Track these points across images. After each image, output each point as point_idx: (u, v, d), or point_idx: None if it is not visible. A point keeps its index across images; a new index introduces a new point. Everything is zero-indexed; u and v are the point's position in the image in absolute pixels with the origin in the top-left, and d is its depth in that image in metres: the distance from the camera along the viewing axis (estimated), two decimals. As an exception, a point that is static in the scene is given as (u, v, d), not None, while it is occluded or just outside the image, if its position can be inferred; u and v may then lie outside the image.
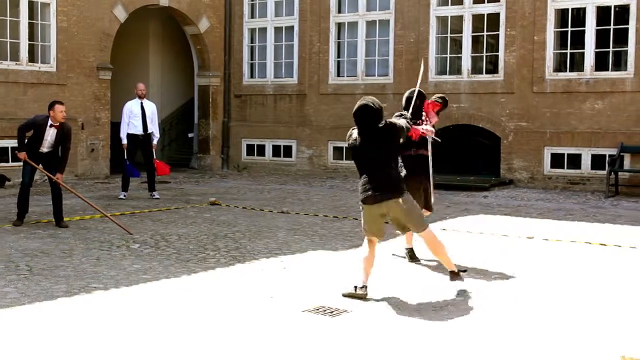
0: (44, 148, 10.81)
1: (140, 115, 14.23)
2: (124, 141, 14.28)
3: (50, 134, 10.74)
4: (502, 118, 17.18)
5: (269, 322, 6.07)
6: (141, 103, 14.33)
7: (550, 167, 16.80)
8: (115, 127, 16.16)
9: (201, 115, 21.21)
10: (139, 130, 14.22)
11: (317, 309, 6.44)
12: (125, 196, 14.14)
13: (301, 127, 19.85)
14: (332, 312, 6.36)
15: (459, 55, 17.80)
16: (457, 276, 7.26)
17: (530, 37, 16.79)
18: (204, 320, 6.11)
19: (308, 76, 19.70)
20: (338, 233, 10.51)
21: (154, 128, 14.47)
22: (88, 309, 6.38)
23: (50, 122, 10.70)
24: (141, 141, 14.30)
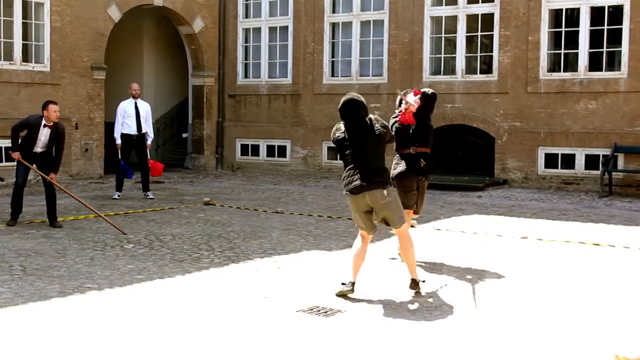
0: (38, 148, 10.79)
1: (134, 115, 14.21)
2: (118, 141, 14.26)
3: (44, 134, 10.72)
4: (496, 118, 17.20)
5: (263, 323, 6.07)
6: (135, 103, 14.31)
7: (544, 167, 16.83)
8: (109, 127, 16.13)
9: (195, 115, 21.20)
10: (133, 130, 14.20)
11: (311, 309, 6.44)
12: (119, 196, 14.11)
13: (295, 127, 19.85)
14: (326, 312, 6.36)
15: (453, 55, 17.81)
16: (417, 286, 7.09)
17: (524, 38, 16.82)
18: (198, 320, 6.11)
19: (302, 76, 19.70)
20: (332, 233, 10.52)
21: (148, 128, 14.45)
22: (82, 309, 6.37)
23: (44, 122, 10.68)
24: (135, 141, 14.28)
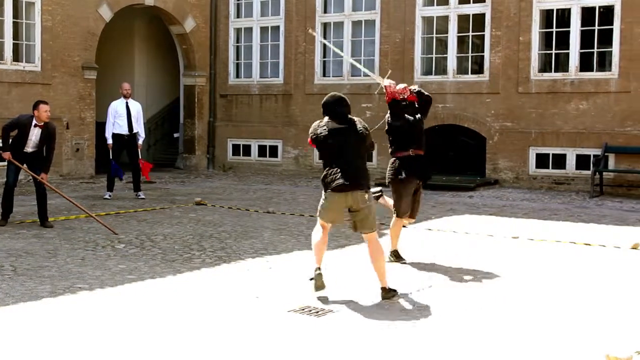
0: (29, 148, 10.76)
1: (125, 115, 14.18)
2: (109, 141, 14.23)
3: (34, 134, 10.69)
4: (488, 118, 17.23)
5: (255, 322, 6.07)
6: (126, 103, 14.28)
7: (535, 167, 16.87)
8: (100, 127, 16.11)
9: (187, 115, 21.17)
10: (124, 130, 14.17)
11: (303, 309, 6.44)
12: (110, 196, 14.08)
13: (287, 127, 19.85)
14: (318, 312, 6.36)
15: (445, 55, 17.84)
16: (388, 293, 6.93)
17: (515, 38, 16.86)
18: (190, 320, 6.10)
19: (294, 76, 19.70)
20: (324, 233, 10.50)
21: (139, 128, 14.43)
22: (73, 310, 6.35)
23: (34, 122, 10.65)
24: (126, 141, 14.25)
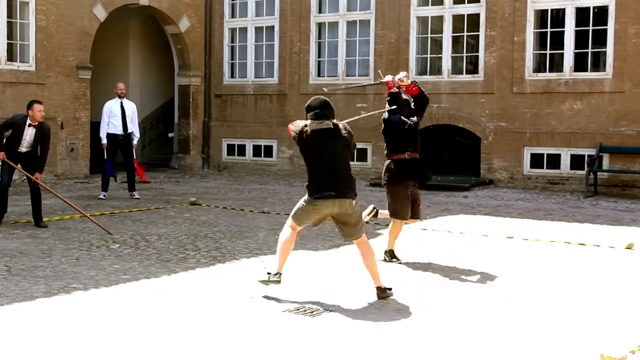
0: (23, 148, 10.74)
1: (120, 114, 14.16)
2: (104, 141, 14.22)
3: (29, 134, 10.67)
4: (482, 118, 17.25)
5: (250, 323, 6.06)
6: (121, 103, 14.26)
7: (529, 167, 16.89)
8: (94, 127, 16.10)
9: (181, 115, 21.15)
10: (119, 130, 14.15)
11: (298, 309, 6.44)
12: (105, 196, 14.07)
13: (282, 127, 19.79)
14: (313, 313, 6.36)
15: (439, 55, 17.85)
16: (384, 292, 6.94)
17: (510, 38, 16.88)
18: (185, 320, 6.09)
19: (289, 76, 19.70)
20: (318, 233, 10.50)
21: (134, 128, 14.40)
22: (67, 310, 6.34)
23: (29, 122, 10.63)
24: (121, 141, 14.24)
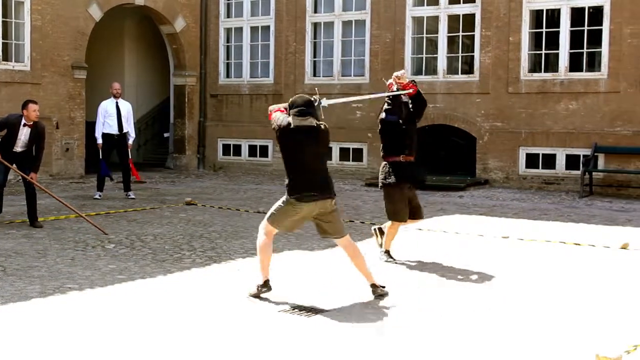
0: (18, 147, 10.72)
1: (115, 114, 14.14)
2: (99, 141, 14.19)
3: (24, 133, 10.66)
4: (478, 118, 17.26)
5: (245, 323, 6.06)
6: (116, 102, 14.24)
7: (525, 167, 16.91)
8: (90, 127, 16.08)
9: (177, 114, 21.13)
10: (114, 130, 14.14)
11: (293, 310, 6.44)
12: (100, 196, 14.05)
13: (277, 127, 19.79)
14: (308, 313, 6.35)
15: (435, 55, 17.86)
16: (378, 288, 6.96)
17: (505, 38, 16.89)
18: (180, 320, 6.09)
19: (284, 76, 19.69)
20: (314, 233, 10.43)
21: (130, 128, 14.39)
22: (63, 310, 6.33)
23: (23, 122, 10.61)
24: (116, 141, 14.22)
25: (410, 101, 8.56)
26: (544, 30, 16.75)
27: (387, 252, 8.66)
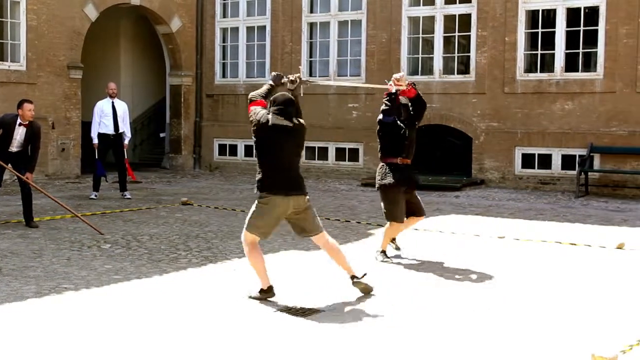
0: (13, 147, 10.70)
1: (111, 114, 14.13)
2: (95, 141, 14.18)
3: (19, 133, 10.64)
4: (474, 118, 17.28)
5: (242, 323, 6.06)
6: (112, 102, 14.22)
7: (521, 167, 16.92)
8: (86, 127, 16.05)
9: (173, 115, 21.11)
10: (110, 129, 14.12)
11: (290, 309, 6.44)
12: (96, 196, 14.03)
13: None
14: (305, 312, 6.35)
15: (431, 55, 17.87)
16: (360, 280, 6.97)
17: (501, 38, 16.91)
18: (176, 320, 6.08)
19: (280, 76, 19.65)
20: (310, 233, 10.50)
21: (125, 128, 14.37)
22: (58, 310, 6.32)
23: (19, 121, 10.60)
24: (112, 141, 14.20)
25: (410, 103, 8.56)
26: (540, 30, 16.77)
27: (384, 252, 8.66)
